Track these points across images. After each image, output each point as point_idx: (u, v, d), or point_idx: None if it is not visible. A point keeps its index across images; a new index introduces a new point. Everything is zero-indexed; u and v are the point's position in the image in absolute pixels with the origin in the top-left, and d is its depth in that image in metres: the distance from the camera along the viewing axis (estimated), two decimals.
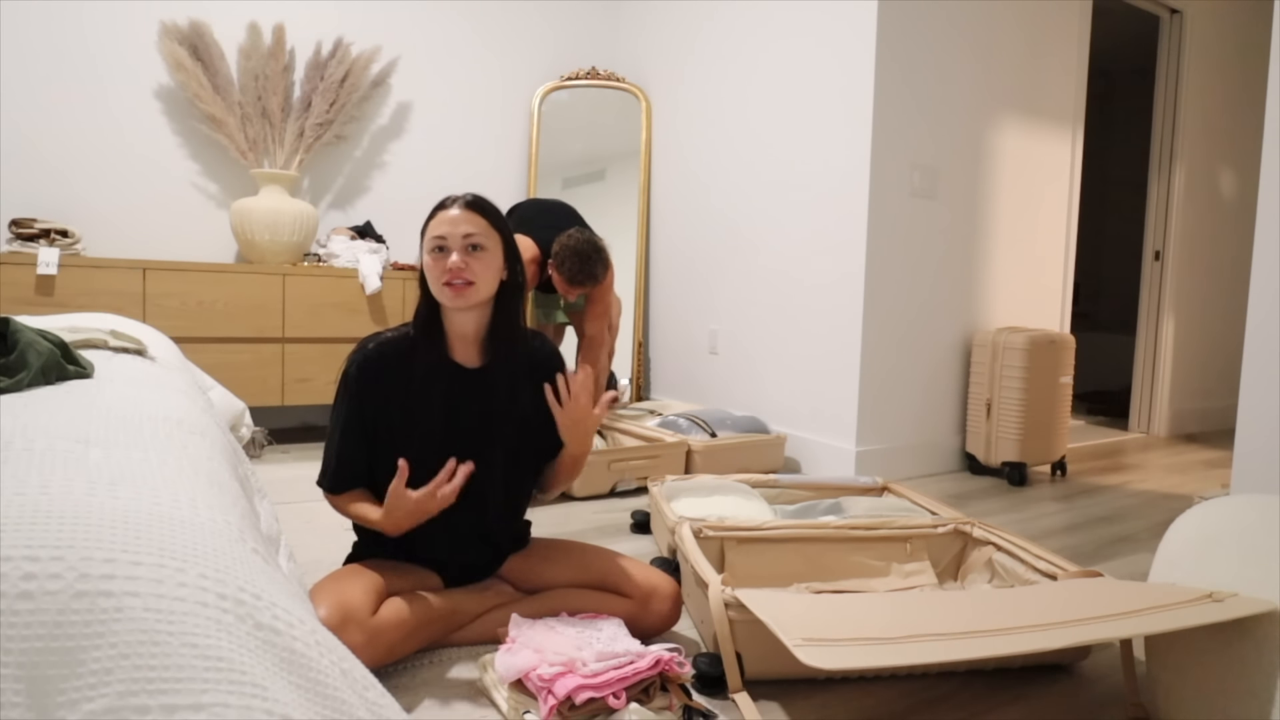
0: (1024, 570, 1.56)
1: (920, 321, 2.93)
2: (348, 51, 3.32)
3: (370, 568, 1.36)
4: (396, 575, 1.37)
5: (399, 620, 1.26)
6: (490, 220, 1.39)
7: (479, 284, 1.35)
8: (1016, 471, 2.82)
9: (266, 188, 3.09)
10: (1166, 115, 3.82)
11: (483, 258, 1.35)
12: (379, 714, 0.61)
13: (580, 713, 1.10)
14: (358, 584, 1.27)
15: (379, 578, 1.32)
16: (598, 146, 3.98)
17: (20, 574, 0.51)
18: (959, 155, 2.98)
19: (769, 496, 2.11)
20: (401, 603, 1.29)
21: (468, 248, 1.35)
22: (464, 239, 1.34)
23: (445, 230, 1.35)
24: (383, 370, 1.37)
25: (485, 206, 1.39)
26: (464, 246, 1.34)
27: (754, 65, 3.22)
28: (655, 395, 3.88)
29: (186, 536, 0.60)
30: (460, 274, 1.33)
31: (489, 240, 1.37)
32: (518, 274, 1.43)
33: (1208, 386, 4.09)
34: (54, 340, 1.17)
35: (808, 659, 0.94)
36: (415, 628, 1.29)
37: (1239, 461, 1.87)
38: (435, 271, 1.35)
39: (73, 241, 2.80)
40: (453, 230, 1.35)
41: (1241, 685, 1.00)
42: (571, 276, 2.75)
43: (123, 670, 0.51)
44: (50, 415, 0.86)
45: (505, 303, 1.42)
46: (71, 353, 1.19)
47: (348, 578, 1.30)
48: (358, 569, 1.34)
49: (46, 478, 0.61)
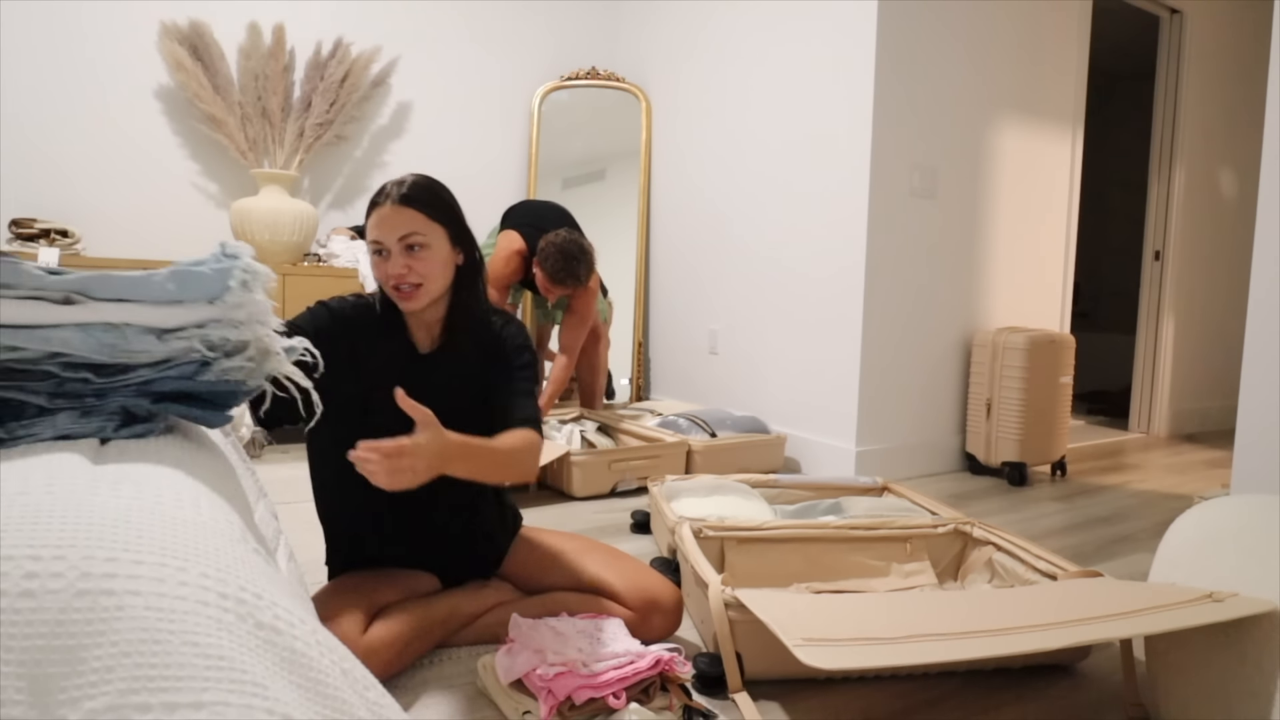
0: (1024, 570, 1.56)
1: (920, 321, 2.93)
2: (348, 51, 3.32)
3: (358, 580, 1.32)
4: (388, 585, 1.32)
5: (391, 638, 1.22)
6: (429, 211, 1.28)
7: (426, 284, 1.27)
8: (1016, 471, 2.82)
9: (266, 188, 3.09)
10: (1166, 115, 3.82)
11: (425, 256, 1.27)
12: (379, 714, 0.61)
13: (580, 713, 1.10)
14: (346, 604, 1.23)
15: (369, 592, 1.28)
16: (598, 146, 3.99)
17: (22, 573, 0.51)
18: (959, 155, 2.98)
19: (769, 496, 2.11)
20: (393, 618, 1.25)
21: (407, 249, 1.26)
22: (401, 241, 1.25)
23: (381, 234, 1.26)
24: (348, 330, 1.30)
25: (422, 196, 1.28)
26: (403, 248, 1.26)
27: (754, 65, 3.22)
28: (655, 395, 3.88)
29: (188, 536, 0.60)
30: (404, 279, 1.26)
31: (430, 234, 1.27)
32: (474, 255, 1.35)
33: (1208, 386, 4.09)
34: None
35: (808, 659, 0.94)
36: (410, 640, 1.25)
37: (1239, 461, 1.87)
38: (380, 274, 1.28)
39: (73, 241, 2.80)
40: (388, 234, 1.25)
41: (1241, 685, 1.00)
42: (553, 273, 2.73)
43: (124, 668, 0.51)
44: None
45: (462, 287, 1.34)
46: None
47: (334, 597, 1.25)
48: (344, 586, 1.30)
49: (50, 477, 0.61)
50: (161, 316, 0.72)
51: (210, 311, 0.75)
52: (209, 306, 0.75)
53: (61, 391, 0.69)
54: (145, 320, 0.72)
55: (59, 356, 0.68)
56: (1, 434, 0.64)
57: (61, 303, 0.68)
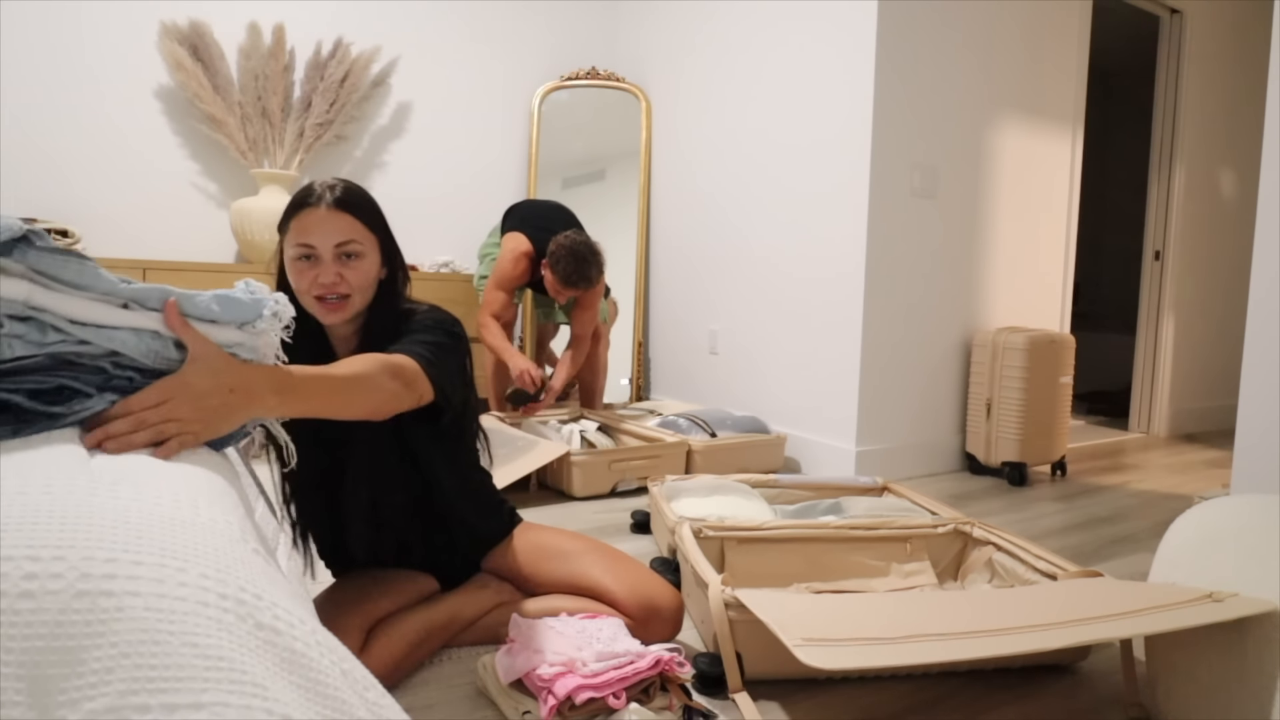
0: (1024, 570, 1.56)
1: (920, 321, 2.93)
2: (348, 51, 3.32)
3: (355, 589, 1.30)
4: (385, 593, 1.30)
5: (388, 653, 1.21)
6: (365, 218, 1.20)
7: (355, 296, 1.19)
8: (1016, 471, 2.82)
9: (266, 187, 3.09)
10: (1166, 115, 3.82)
11: (358, 266, 1.19)
12: (379, 714, 0.61)
13: (580, 713, 1.10)
14: (341, 619, 1.20)
15: (366, 604, 1.26)
16: (598, 146, 3.99)
17: (22, 574, 0.51)
18: (959, 155, 2.98)
19: (769, 496, 2.11)
20: (390, 630, 1.24)
21: (342, 256, 1.18)
22: (337, 248, 1.17)
23: (314, 238, 1.16)
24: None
25: (361, 203, 1.21)
26: (337, 255, 1.17)
27: (754, 65, 3.22)
28: (655, 395, 3.88)
29: (187, 536, 0.60)
30: (334, 289, 1.17)
31: (365, 243, 1.20)
32: (396, 272, 1.27)
33: (1208, 386, 4.09)
34: None
35: (808, 659, 0.94)
36: (408, 651, 1.25)
37: (1239, 461, 1.88)
38: (303, 282, 1.17)
39: (73, 241, 2.80)
40: (323, 239, 1.16)
41: (1241, 685, 1.00)
42: (566, 277, 2.74)
43: (124, 669, 0.51)
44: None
45: (381, 302, 1.26)
46: None
47: (331, 611, 1.22)
48: (340, 597, 1.28)
49: (49, 478, 0.61)
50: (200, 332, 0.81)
51: (238, 335, 0.83)
52: (238, 331, 0.83)
53: (109, 386, 0.76)
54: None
55: (115, 355, 0.77)
56: (62, 409, 0.72)
57: (121, 308, 0.77)
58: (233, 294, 0.83)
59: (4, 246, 0.69)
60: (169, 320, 0.78)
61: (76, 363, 0.74)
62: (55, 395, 0.72)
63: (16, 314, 0.71)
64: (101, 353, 0.75)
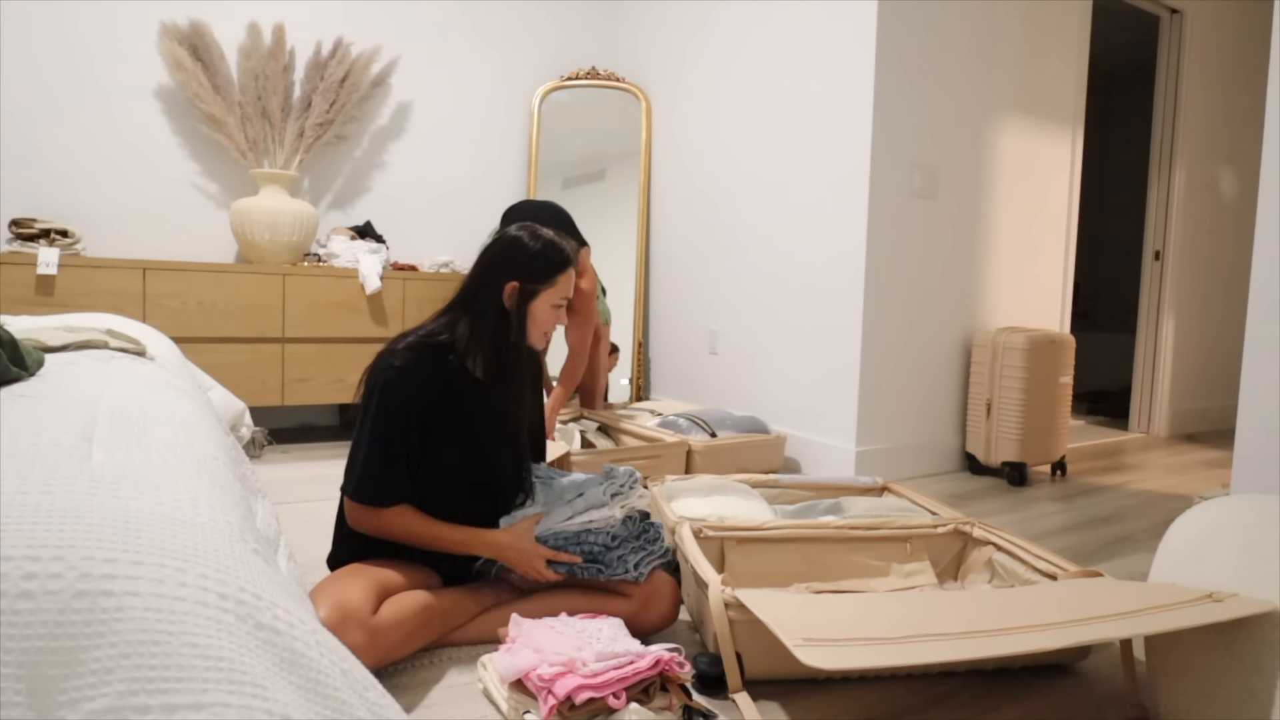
0: (1024, 570, 1.56)
1: (920, 321, 2.93)
2: (348, 51, 3.32)
3: (367, 566, 1.35)
4: (397, 574, 1.36)
5: (400, 619, 1.26)
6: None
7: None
8: (1016, 471, 2.82)
9: (266, 188, 3.09)
10: (1166, 115, 3.82)
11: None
12: (379, 714, 0.61)
13: (580, 713, 1.10)
14: (358, 583, 1.26)
15: (379, 577, 1.31)
16: (597, 146, 3.99)
17: (21, 573, 0.51)
18: (959, 155, 2.98)
19: (769, 496, 2.11)
20: (402, 602, 1.29)
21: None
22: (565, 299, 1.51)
23: (570, 292, 1.50)
24: (424, 379, 1.38)
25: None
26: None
27: (754, 65, 3.22)
28: (655, 395, 3.88)
29: (187, 536, 0.60)
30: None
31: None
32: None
33: (1208, 386, 4.09)
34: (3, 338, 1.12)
35: (808, 659, 0.94)
36: (417, 627, 1.28)
37: (1239, 461, 1.88)
38: (550, 324, 1.49)
39: (73, 241, 2.80)
40: (571, 293, 1.50)
41: (1241, 685, 1.00)
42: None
43: (123, 670, 0.51)
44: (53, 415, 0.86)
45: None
46: (19, 352, 1.14)
47: (348, 577, 1.29)
48: (358, 568, 1.34)
49: (49, 477, 0.61)
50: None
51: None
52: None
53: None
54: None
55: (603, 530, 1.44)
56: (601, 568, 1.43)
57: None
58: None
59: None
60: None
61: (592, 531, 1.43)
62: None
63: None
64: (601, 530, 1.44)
